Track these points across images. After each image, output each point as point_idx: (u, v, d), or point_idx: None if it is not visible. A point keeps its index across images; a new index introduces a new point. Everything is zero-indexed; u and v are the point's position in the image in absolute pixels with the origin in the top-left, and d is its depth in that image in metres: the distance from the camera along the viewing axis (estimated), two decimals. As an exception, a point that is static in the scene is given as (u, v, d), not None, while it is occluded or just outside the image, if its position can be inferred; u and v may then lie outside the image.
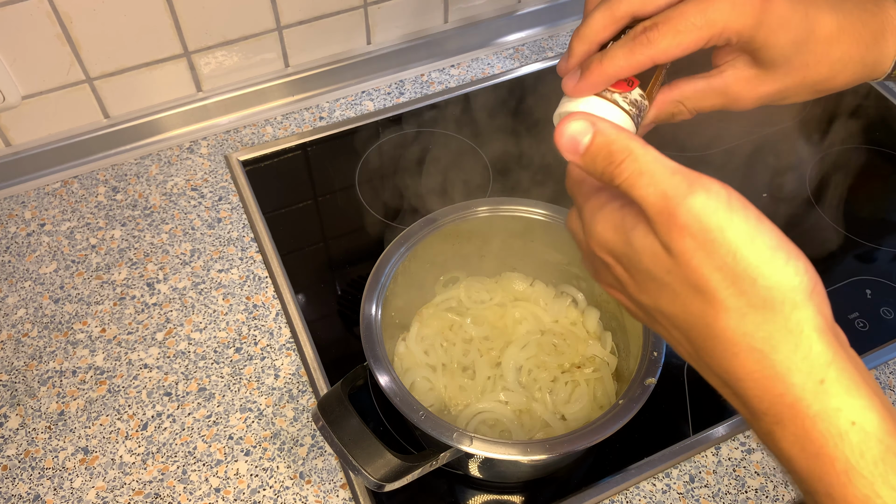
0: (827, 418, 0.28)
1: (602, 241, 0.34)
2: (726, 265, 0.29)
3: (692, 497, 0.58)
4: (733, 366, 0.30)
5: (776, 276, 0.28)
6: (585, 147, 0.32)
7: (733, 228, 0.29)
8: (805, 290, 0.29)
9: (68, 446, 0.60)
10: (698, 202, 0.29)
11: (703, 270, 0.29)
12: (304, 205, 0.78)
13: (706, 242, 0.29)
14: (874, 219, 0.75)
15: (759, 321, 0.29)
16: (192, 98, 0.82)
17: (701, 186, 0.29)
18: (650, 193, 0.30)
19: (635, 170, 0.31)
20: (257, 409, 0.62)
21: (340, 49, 0.86)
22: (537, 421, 0.58)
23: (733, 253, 0.29)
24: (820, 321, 0.29)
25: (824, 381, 0.28)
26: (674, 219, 0.29)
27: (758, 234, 0.29)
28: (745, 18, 0.37)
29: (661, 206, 0.30)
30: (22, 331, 0.67)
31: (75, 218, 0.76)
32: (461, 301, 0.65)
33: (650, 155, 0.31)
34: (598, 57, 0.38)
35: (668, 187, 0.30)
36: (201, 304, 0.69)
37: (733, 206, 0.29)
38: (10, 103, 0.73)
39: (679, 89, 0.42)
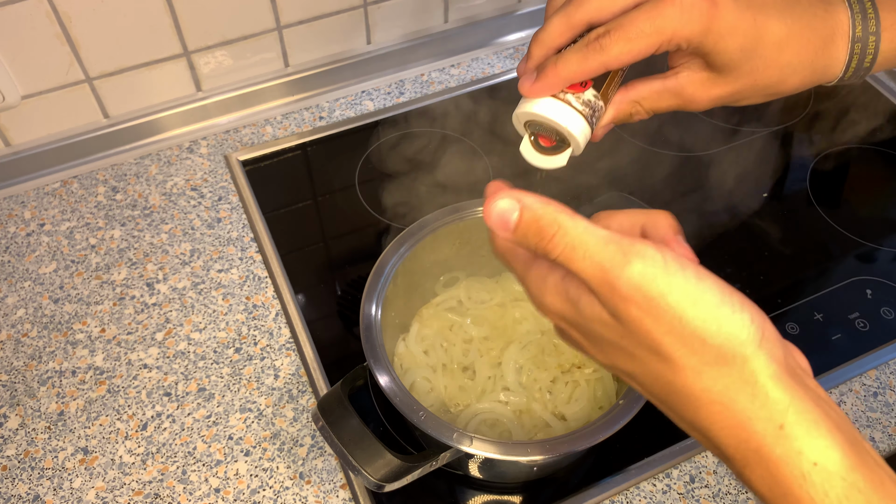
0: (790, 461, 0.29)
1: (553, 310, 0.35)
2: (675, 329, 0.29)
3: (692, 497, 0.57)
4: (699, 416, 0.31)
5: (724, 332, 0.29)
6: (514, 224, 0.33)
7: (674, 293, 0.29)
8: (754, 341, 0.29)
9: (68, 446, 0.60)
10: (636, 271, 0.29)
11: (654, 334, 0.30)
12: (303, 205, 0.78)
13: (651, 310, 0.29)
14: (874, 219, 0.75)
15: (715, 376, 0.30)
16: (191, 98, 0.82)
17: (636, 255, 0.30)
18: (587, 267, 0.31)
19: (567, 244, 0.31)
20: (257, 410, 0.62)
21: (340, 49, 0.86)
22: (537, 421, 0.57)
23: (679, 317, 0.29)
24: (773, 368, 0.29)
25: (784, 425, 0.29)
26: (615, 290, 0.30)
27: (699, 294, 0.29)
28: (694, 25, 0.38)
29: (601, 279, 0.30)
30: (21, 331, 0.67)
31: (75, 218, 0.76)
32: (461, 301, 0.65)
33: (580, 227, 0.31)
34: (553, 60, 0.40)
35: (604, 259, 0.30)
36: (201, 304, 0.69)
37: (670, 269, 0.29)
38: (10, 103, 0.73)
39: (636, 90, 0.43)
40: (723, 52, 0.40)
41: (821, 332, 0.66)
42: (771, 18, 0.40)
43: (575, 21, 0.39)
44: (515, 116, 0.43)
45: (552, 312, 0.35)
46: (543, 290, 0.34)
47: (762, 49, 0.40)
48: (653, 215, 0.35)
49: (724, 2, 0.38)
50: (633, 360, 0.32)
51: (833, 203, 0.77)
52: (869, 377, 0.64)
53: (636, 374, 0.33)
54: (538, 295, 0.35)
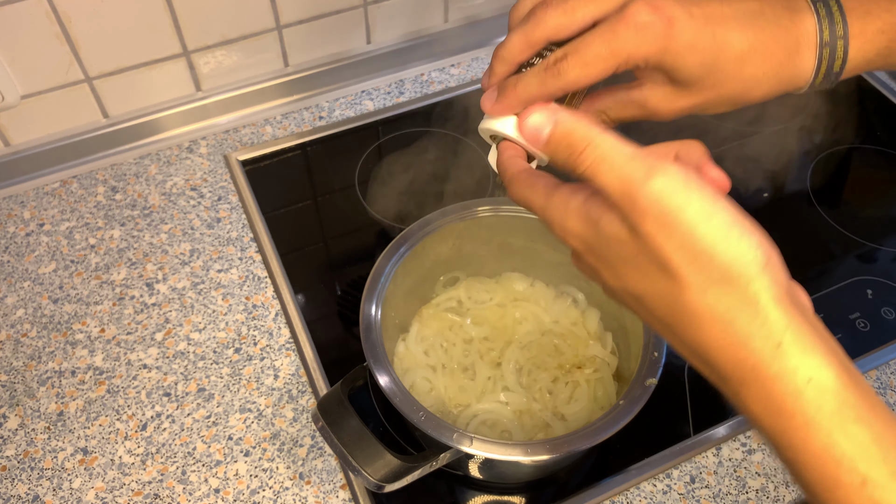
0: (785, 377, 0.30)
1: (574, 233, 0.36)
2: (686, 244, 0.31)
3: (693, 498, 0.57)
4: (700, 336, 0.32)
5: (732, 252, 0.30)
6: (547, 137, 0.35)
7: (691, 209, 0.30)
8: (759, 263, 0.31)
9: (67, 447, 0.60)
10: (657, 186, 0.31)
11: (665, 250, 0.31)
12: (303, 205, 0.78)
13: (666, 224, 0.31)
14: (875, 219, 0.75)
15: (718, 294, 0.31)
16: (191, 98, 0.82)
17: (659, 170, 0.31)
18: (611, 180, 0.32)
19: (596, 157, 0.32)
20: (257, 410, 0.62)
21: (340, 48, 0.86)
22: (538, 421, 0.57)
23: (691, 232, 0.30)
24: (776, 290, 0.31)
25: (781, 344, 0.30)
26: (635, 203, 0.31)
27: (714, 213, 0.30)
28: (649, 46, 0.38)
29: (623, 192, 0.31)
30: (21, 331, 0.67)
31: (74, 218, 0.75)
32: (461, 301, 0.65)
33: (609, 142, 0.33)
34: (513, 82, 0.40)
35: (628, 173, 0.31)
36: (200, 304, 0.69)
37: (690, 187, 0.31)
38: (10, 103, 0.73)
39: (601, 100, 0.44)
40: (682, 69, 0.40)
41: (821, 333, 0.66)
42: (732, 32, 0.40)
43: (534, 39, 0.40)
44: (480, 130, 0.44)
45: (573, 235, 0.36)
46: (566, 214, 0.35)
47: (723, 63, 0.40)
48: (686, 143, 0.36)
49: (680, 19, 0.38)
50: (644, 278, 0.33)
51: (833, 203, 0.77)
52: (870, 377, 0.64)
53: (644, 295, 0.34)
54: (560, 219, 0.36)
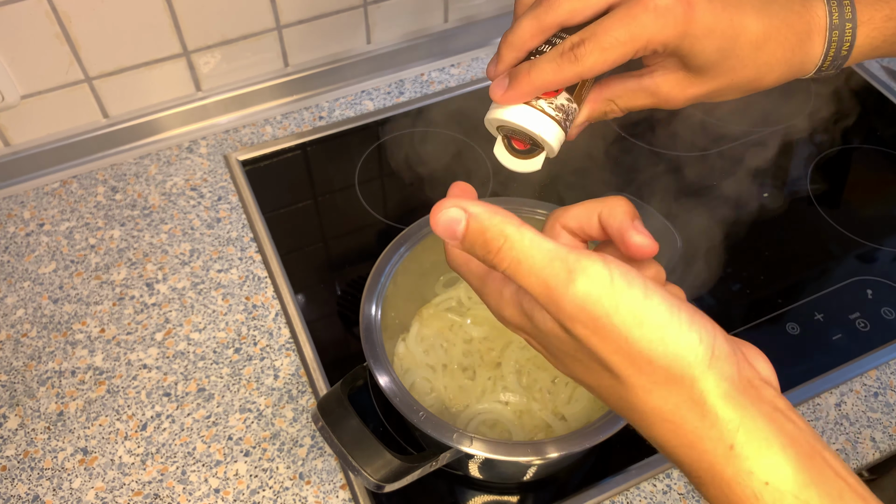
0: (741, 481, 0.28)
1: (511, 322, 0.35)
2: (622, 349, 0.29)
3: (693, 498, 0.57)
4: (652, 434, 0.31)
5: (670, 353, 0.29)
6: (462, 235, 0.32)
7: (620, 314, 0.29)
8: (703, 361, 0.29)
9: (67, 447, 0.60)
10: (580, 291, 0.29)
11: (602, 353, 0.30)
12: (303, 205, 0.78)
13: (597, 329, 0.29)
14: (875, 219, 0.75)
15: (664, 395, 0.29)
16: (191, 98, 0.82)
17: (580, 272, 0.29)
18: (532, 283, 0.30)
19: (513, 258, 0.30)
20: (257, 410, 0.62)
21: (340, 48, 0.86)
22: (538, 421, 0.57)
23: (625, 338, 0.29)
24: (724, 386, 0.29)
25: (733, 446, 0.28)
26: (561, 309, 0.29)
27: (646, 314, 0.29)
28: (669, 30, 0.37)
29: (546, 296, 0.30)
30: (21, 331, 0.67)
31: (74, 218, 0.75)
32: (461, 301, 0.65)
33: (526, 240, 0.30)
34: (525, 69, 0.39)
35: (549, 276, 0.29)
36: (200, 304, 0.69)
37: (616, 287, 0.29)
38: (9, 103, 0.73)
39: (611, 88, 0.43)
40: (699, 54, 0.39)
41: (821, 332, 0.66)
42: (748, 17, 0.40)
43: (546, 25, 0.39)
44: (487, 121, 0.42)
45: (511, 324, 0.35)
46: (500, 303, 0.34)
47: (739, 49, 0.40)
48: (608, 203, 0.34)
49: (700, 3, 0.38)
50: (589, 373, 0.32)
51: (833, 203, 0.77)
52: (869, 377, 0.64)
53: (594, 388, 0.33)
54: (496, 307, 0.35)
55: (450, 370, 0.60)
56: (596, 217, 0.34)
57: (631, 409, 0.31)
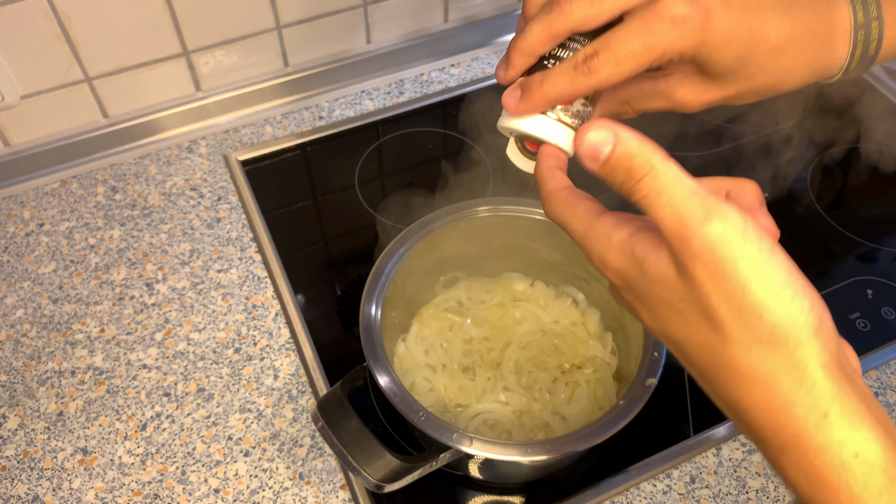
0: (830, 450, 0.28)
1: (614, 268, 0.33)
2: (735, 297, 0.29)
3: (693, 498, 0.57)
4: (739, 395, 0.30)
5: (782, 313, 0.29)
6: (605, 158, 0.31)
7: (745, 261, 0.29)
8: (811, 328, 0.29)
9: (67, 447, 0.60)
10: (713, 231, 0.29)
11: (712, 299, 0.29)
12: (303, 205, 0.78)
13: (717, 273, 0.29)
14: (874, 219, 0.75)
15: (763, 355, 0.29)
16: (191, 97, 0.82)
17: (718, 214, 0.29)
18: (667, 215, 0.30)
19: (654, 188, 0.30)
20: (256, 410, 0.62)
21: (340, 48, 0.86)
22: (538, 421, 0.57)
23: (742, 286, 0.29)
24: (825, 357, 0.29)
25: (827, 414, 0.29)
26: (688, 245, 0.29)
27: (768, 269, 0.29)
28: (686, 40, 0.36)
29: (677, 231, 0.29)
30: (21, 331, 0.67)
31: (74, 218, 0.75)
32: (461, 301, 0.65)
33: (671, 173, 0.30)
34: (538, 81, 0.38)
35: (685, 211, 0.29)
36: (200, 304, 0.69)
37: (748, 237, 0.29)
38: (9, 103, 0.73)
39: (625, 90, 0.42)
40: (717, 62, 0.38)
41: (821, 333, 0.66)
42: (768, 23, 0.38)
43: (558, 31, 0.38)
44: (500, 127, 0.42)
45: (612, 270, 0.34)
46: (608, 248, 0.33)
47: (758, 55, 0.39)
48: (740, 182, 0.34)
49: (717, 10, 0.37)
50: (686, 325, 0.31)
51: (833, 203, 0.77)
52: (869, 377, 0.64)
53: (685, 342, 0.32)
54: (601, 252, 0.33)
55: (450, 370, 0.60)
56: (725, 192, 0.34)
57: (721, 367, 0.30)
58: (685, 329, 0.31)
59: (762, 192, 0.34)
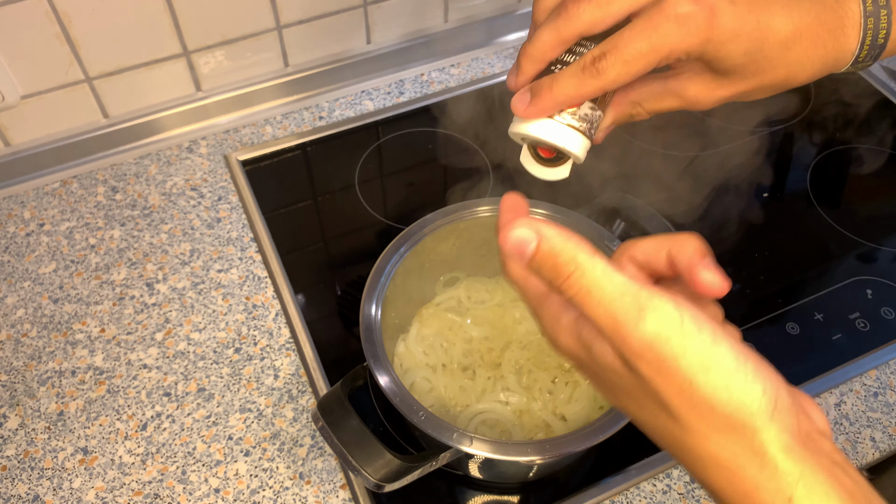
0: None
1: (565, 350, 0.34)
2: (684, 392, 0.29)
3: (693, 498, 0.57)
4: (705, 478, 0.30)
5: (734, 403, 0.28)
6: (530, 255, 0.31)
7: (687, 357, 0.28)
8: (766, 412, 0.28)
9: (67, 447, 0.60)
10: (649, 330, 0.28)
11: (663, 394, 0.29)
12: (303, 205, 0.78)
13: (662, 370, 0.29)
14: (874, 219, 0.75)
15: (722, 443, 0.29)
16: (191, 98, 0.82)
17: (651, 310, 0.28)
18: (600, 315, 0.29)
19: (583, 287, 0.30)
20: (257, 410, 0.62)
21: (340, 48, 0.86)
22: (538, 421, 0.57)
23: (689, 381, 0.28)
24: (785, 438, 0.28)
25: (792, 498, 0.28)
26: (627, 344, 0.29)
27: (713, 360, 0.28)
28: (692, 38, 0.37)
29: (613, 330, 0.29)
30: (21, 331, 0.67)
31: (74, 218, 0.75)
32: (461, 301, 0.65)
33: (598, 269, 0.30)
34: (547, 84, 0.38)
35: (618, 310, 0.29)
36: (201, 304, 0.69)
37: (686, 330, 0.28)
38: (9, 103, 0.73)
39: (636, 91, 0.42)
40: (726, 59, 0.38)
41: (821, 332, 0.66)
42: (776, 17, 0.38)
43: (566, 36, 0.38)
44: (512, 133, 0.42)
45: (564, 350, 0.34)
46: (557, 329, 0.33)
47: (768, 50, 0.39)
48: (679, 239, 0.33)
49: (722, 7, 0.37)
50: (644, 410, 0.31)
51: (833, 203, 0.77)
52: (869, 377, 0.64)
53: (646, 424, 0.32)
54: (551, 333, 0.34)
55: (450, 370, 0.60)
56: (665, 252, 0.34)
57: (685, 452, 0.31)
58: (644, 413, 0.32)
59: (704, 244, 0.33)
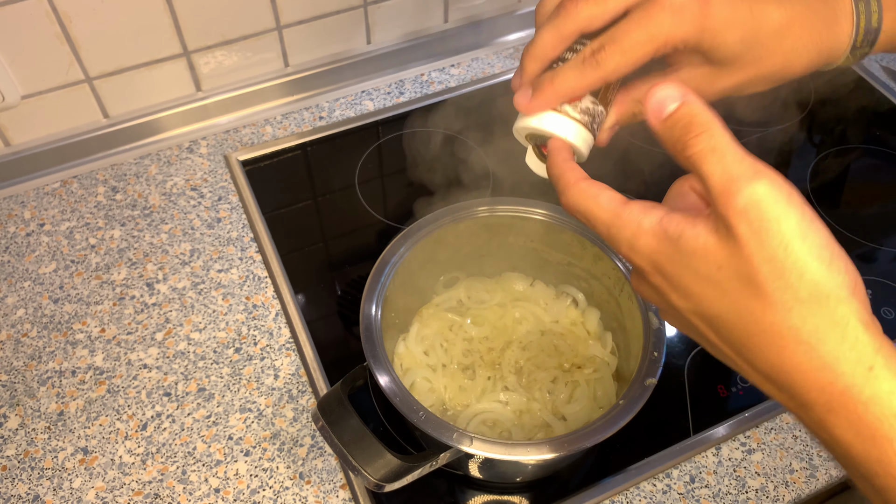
0: (879, 402, 0.29)
1: (645, 251, 0.34)
2: (776, 257, 0.29)
3: (692, 497, 0.57)
4: (780, 359, 0.31)
5: (822, 272, 0.29)
6: (669, 113, 0.33)
7: (788, 222, 0.29)
8: (848, 287, 0.30)
9: (68, 446, 0.60)
10: (760, 190, 0.30)
11: (754, 260, 0.30)
12: (303, 205, 0.78)
13: (760, 231, 0.29)
14: (874, 219, 0.75)
15: (805, 314, 0.30)
16: (191, 98, 0.82)
17: (766, 175, 0.30)
18: (716, 171, 0.31)
19: (708, 146, 0.31)
20: (257, 410, 0.62)
21: (340, 49, 0.86)
22: (537, 421, 0.57)
23: (784, 245, 0.29)
24: (864, 314, 0.30)
25: (873, 367, 0.29)
26: (733, 201, 0.30)
27: (809, 231, 0.30)
28: (687, 27, 0.38)
29: (724, 187, 0.30)
30: (21, 331, 0.67)
31: (74, 218, 0.75)
32: (461, 301, 0.65)
33: (726, 137, 0.31)
34: (549, 77, 0.40)
35: (735, 169, 0.30)
36: (201, 304, 0.69)
37: (792, 201, 0.30)
38: (10, 103, 0.73)
39: (637, 89, 0.43)
40: (721, 47, 0.39)
41: (821, 332, 0.66)
42: (768, 6, 0.40)
43: (566, 33, 0.39)
44: (515, 130, 0.43)
45: (644, 255, 0.34)
46: (637, 232, 0.34)
47: (763, 37, 0.40)
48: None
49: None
50: (724, 296, 0.31)
51: (833, 203, 0.77)
52: (869, 377, 0.64)
53: (720, 316, 0.32)
54: (631, 238, 0.34)
55: (450, 370, 0.60)
56: None
57: (762, 332, 0.31)
58: (721, 301, 0.32)
59: None
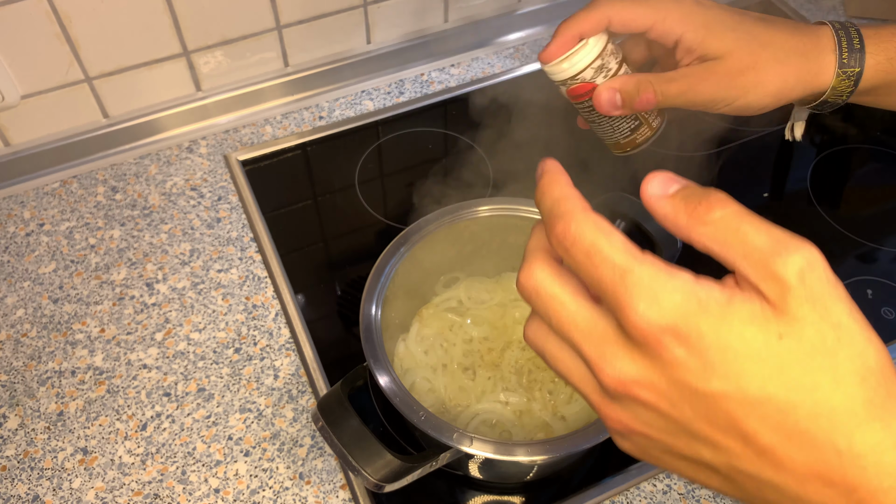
0: None
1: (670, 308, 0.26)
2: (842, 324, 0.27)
3: (693, 498, 0.57)
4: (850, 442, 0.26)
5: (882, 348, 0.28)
6: (676, 189, 0.28)
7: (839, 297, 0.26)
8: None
9: (67, 447, 0.60)
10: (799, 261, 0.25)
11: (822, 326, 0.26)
12: (303, 205, 0.78)
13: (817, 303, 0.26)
14: (874, 219, 0.75)
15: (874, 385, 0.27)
16: (191, 97, 0.82)
17: (796, 247, 0.26)
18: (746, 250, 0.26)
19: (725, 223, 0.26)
20: (257, 410, 0.62)
21: (340, 48, 0.86)
22: (538, 421, 0.57)
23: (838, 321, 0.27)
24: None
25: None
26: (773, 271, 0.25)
27: (854, 308, 0.27)
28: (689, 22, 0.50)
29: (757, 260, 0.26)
30: (21, 331, 0.67)
31: (74, 218, 0.75)
32: (461, 301, 0.65)
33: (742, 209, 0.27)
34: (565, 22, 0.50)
35: (765, 243, 0.26)
36: (200, 304, 0.69)
37: (833, 280, 0.27)
38: (9, 103, 0.73)
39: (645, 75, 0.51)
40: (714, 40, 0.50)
41: (821, 333, 0.66)
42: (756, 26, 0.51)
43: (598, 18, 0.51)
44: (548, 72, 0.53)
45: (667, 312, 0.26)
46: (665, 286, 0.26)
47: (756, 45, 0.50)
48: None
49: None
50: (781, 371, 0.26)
51: (833, 203, 0.77)
52: (869, 377, 0.64)
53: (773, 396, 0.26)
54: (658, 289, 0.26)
55: (450, 370, 0.60)
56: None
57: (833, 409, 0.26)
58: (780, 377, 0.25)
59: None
